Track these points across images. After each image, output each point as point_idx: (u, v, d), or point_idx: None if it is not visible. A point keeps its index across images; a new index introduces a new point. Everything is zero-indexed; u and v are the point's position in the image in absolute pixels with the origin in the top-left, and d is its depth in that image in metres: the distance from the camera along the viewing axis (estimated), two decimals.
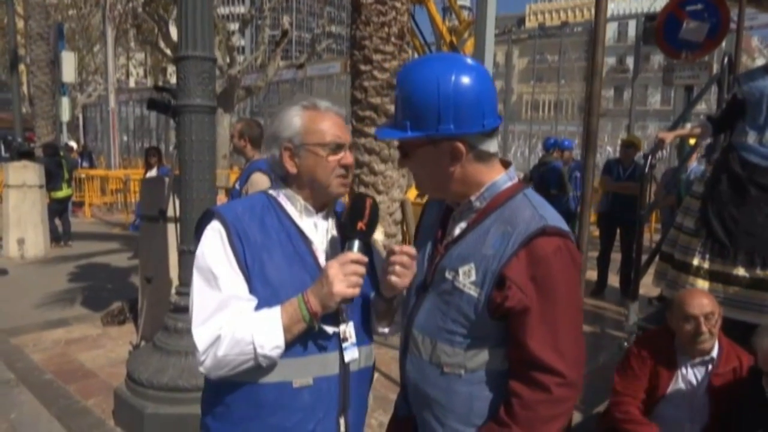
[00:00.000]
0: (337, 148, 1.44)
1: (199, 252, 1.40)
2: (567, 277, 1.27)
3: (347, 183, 1.48)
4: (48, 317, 5.66)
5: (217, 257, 1.36)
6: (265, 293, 1.36)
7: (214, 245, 1.38)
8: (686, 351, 2.47)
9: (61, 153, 10.54)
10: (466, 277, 1.30)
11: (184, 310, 3.41)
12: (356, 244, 1.39)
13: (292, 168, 1.45)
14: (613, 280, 6.69)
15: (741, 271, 3.16)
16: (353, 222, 1.41)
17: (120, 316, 5.50)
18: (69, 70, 15.52)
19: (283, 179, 1.49)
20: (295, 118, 1.44)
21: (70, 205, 10.64)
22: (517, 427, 1.27)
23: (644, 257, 4.19)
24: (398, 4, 5.29)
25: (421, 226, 1.55)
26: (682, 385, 2.46)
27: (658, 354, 2.53)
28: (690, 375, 2.46)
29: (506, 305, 1.25)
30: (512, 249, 1.26)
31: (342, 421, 1.46)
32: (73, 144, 16.15)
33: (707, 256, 3.29)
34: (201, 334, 1.33)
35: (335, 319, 1.42)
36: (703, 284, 3.21)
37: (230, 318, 1.32)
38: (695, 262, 3.32)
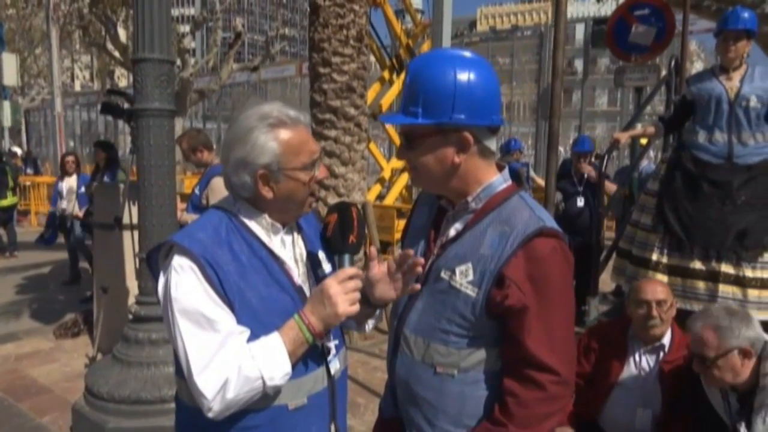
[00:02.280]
0: (314, 165, 1.38)
1: (175, 294, 1.26)
2: (562, 277, 1.31)
3: (315, 197, 1.44)
4: None
5: (200, 297, 1.26)
6: (249, 322, 1.29)
7: (190, 285, 1.26)
8: (639, 338, 2.58)
9: (4, 159, 10.09)
10: (463, 277, 1.31)
11: (144, 320, 3.31)
12: (348, 258, 1.37)
13: (267, 193, 1.34)
14: None
15: (697, 264, 3.30)
16: (344, 236, 1.38)
17: (74, 329, 5.30)
18: (10, 73, 14.91)
19: (247, 200, 1.38)
20: (269, 142, 1.31)
21: (15, 213, 10.20)
22: (513, 425, 1.28)
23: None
24: (356, 7, 5.28)
25: (411, 227, 1.55)
26: (634, 371, 2.57)
27: (609, 342, 2.64)
28: (642, 361, 2.57)
29: (505, 304, 1.27)
30: (511, 249, 1.27)
31: (333, 427, 1.46)
32: (16, 149, 15.48)
33: (665, 251, 3.41)
34: (206, 381, 1.23)
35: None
36: (662, 278, 3.33)
37: (231, 357, 1.24)
38: (654, 257, 3.43)
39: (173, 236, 1.34)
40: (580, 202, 5.30)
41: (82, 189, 6.98)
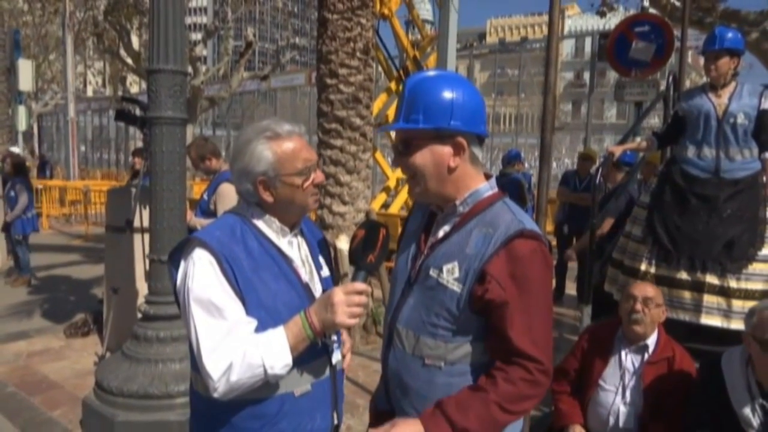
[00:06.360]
0: (309, 170, 1.52)
1: (192, 284, 1.41)
2: (542, 276, 1.42)
3: (318, 197, 1.59)
4: (7, 330, 5.56)
5: (214, 287, 1.40)
6: (259, 315, 1.42)
7: (207, 275, 1.40)
8: (625, 337, 2.70)
9: None
10: (450, 274, 1.44)
11: (153, 318, 3.45)
12: (362, 275, 1.48)
13: (268, 198, 1.50)
14: (570, 287, 6.94)
15: (684, 275, 3.40)
16: (365, 253, 1.49)
17: (84, 328, 5.45)
18: (26, 79, 15.14)
19: (257, 204, 1.54)
20: (265, 152, 1.47)
21: None
22: (495, 394, 1.38)
23: None
24: (363, 21, 5.44)
25: (406, 231, 1.68)
26: (618, 370, 2.68)
27: (599, 340, 2.78)
28: (626, 361, 2.68)
29: (486, 298, 1.38)
30: (493, 248, 1.40)
31: (335, 414, 1.61)
32: (27, 154, 15.73)
33: (653, 261, 3.52)
34: (213, 363, 1.36)
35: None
36: None
37: (237, 344, 1.37)
38: (643, 267, 3.54)
39: (195, 234, 1.51)
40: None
41: (12, 193, 7.66)
